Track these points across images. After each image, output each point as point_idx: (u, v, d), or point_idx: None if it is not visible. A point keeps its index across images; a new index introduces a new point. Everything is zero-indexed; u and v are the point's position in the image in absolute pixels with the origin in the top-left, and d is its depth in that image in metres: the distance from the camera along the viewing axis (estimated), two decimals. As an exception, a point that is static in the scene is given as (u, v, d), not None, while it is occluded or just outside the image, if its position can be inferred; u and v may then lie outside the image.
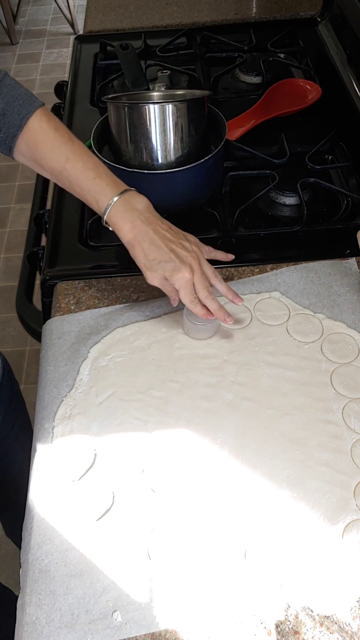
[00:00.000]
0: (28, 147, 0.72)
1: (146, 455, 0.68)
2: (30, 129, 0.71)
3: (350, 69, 1.16)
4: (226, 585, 0.59)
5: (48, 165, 0.73)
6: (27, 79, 3.20)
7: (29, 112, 0.71)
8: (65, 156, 0.72)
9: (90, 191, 0.72)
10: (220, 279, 0.76)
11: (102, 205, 0.72)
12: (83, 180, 0.72)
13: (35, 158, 0.73)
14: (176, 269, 0.71)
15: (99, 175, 0.72)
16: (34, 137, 0.72)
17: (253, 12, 1.46)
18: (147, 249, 0.72)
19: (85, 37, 1.42)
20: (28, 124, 0.71)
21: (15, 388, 1.02)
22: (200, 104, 0.89)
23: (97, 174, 0.72)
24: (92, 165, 0.72)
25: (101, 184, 0.72)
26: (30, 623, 0.58)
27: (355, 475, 0.66)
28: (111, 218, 0.72)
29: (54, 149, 0.72)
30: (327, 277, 0.86)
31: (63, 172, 0.72)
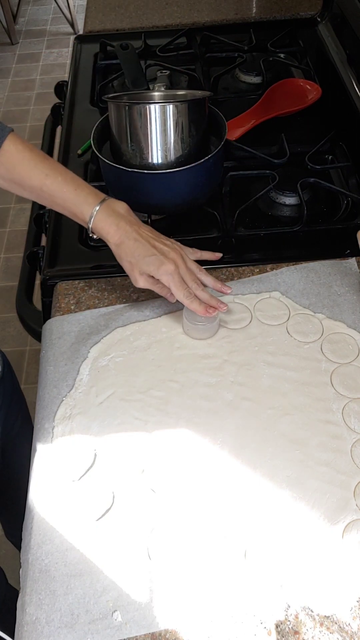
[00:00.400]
0: (7, 169, 0.75)
1: (146, 455, 0.68)
2: (6, 152, 0.74)
3: (350, 69, 1.16)
4: (226, 585, 0.59)
5: (28, 184, 0.75)
6: (27, 79, 3.20)
7: (2, 137, 0.74)
8: (44, 173, 0.75)
9: (73, 202, 0.75)
10: (205, 272, 0.79)
11: (86, 214, 0.75)
12: (65, 192, 0.75)
13: (14, 179, 0.76)
14: (160, 262, 0.74)
15: (79, 187, 0.76)
16: (11, 158, 0.75)
17: (253, 12, 1.46)
18: (132, 246, 0.75)
19: (85, 37, 1.42)
20: (3, 147, 0.74)
21: (15, 383, 1.02)
22: (200, 104, 0.89)
23: (76, 186, 0.76)
24: (71, 179, 0.76)
25: (82, 194, 0.76)
26: (30, 623, 0.58)
27: (355, 475, 0.66)
28: (97, 224, 0.75)
29: (32, 168, 0.75)
30: (327, 277, 0.86)
31: (44, 187, 0.75)
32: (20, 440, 1.04)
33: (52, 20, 3.65)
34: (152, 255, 0.74)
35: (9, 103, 3.05)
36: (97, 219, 0.75)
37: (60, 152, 1.11)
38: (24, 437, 1.05)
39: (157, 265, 0.74)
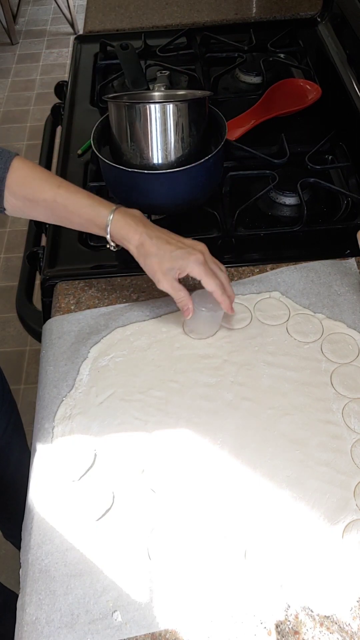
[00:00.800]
0: (19, 185, 0.76)
1: (146, 455, 0.68)
2: (16, 169, 0.75)
3: (350, 69, 1.16)
4: (226, 585, 0.59)
5: (42, 197, 0.76)
6: (27, 79, 3.21)
7: (9, 158, 0.75)
8: (56, 184, 0.76)
9: (89, 207, 0.75)
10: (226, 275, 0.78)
11: (103, 218, 0.75)
12: (80, 198, 0.76)
13: (27, 195, 0.76)
14: (189, 253, 0.73)
15: (90, 195, 0.77)
16: (23, 174, 0.76)
17: (253, 12, 1.46)
18: (155, 244, 0.74)
19: (85, 37, 1.42)
20: (12, 165, 0.75)
21: (6, 388, 1.02)
22: (200, 104, 0.89)
23: (88, 194, 0.77)
24: (82, 190, 0.77)
25: (96, 201, 0.76)
26: (30, 623, 0.58)
27: (355, 475, 0.66)
28: (115, 227, 0.75)
29: (44, 180, 0.76)
30: (327, 277, 0.86)
31: (57, 198, 0.75)
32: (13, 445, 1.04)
33: (52, 20, 3.65)
34: (178, 249, 0.73)
35: (9, 103, 3.05)
36: (114, 221, 0.74)
37: (60, 152, 1.11)
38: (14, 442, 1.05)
39: (185, 257, 0.73)
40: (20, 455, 1.06)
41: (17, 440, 1.06)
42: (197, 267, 0.73)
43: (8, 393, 1.03)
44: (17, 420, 1.07)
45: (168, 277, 0.74)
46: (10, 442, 1.03)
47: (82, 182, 1.04)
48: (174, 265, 0.73)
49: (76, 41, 1.41)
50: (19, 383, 1.88)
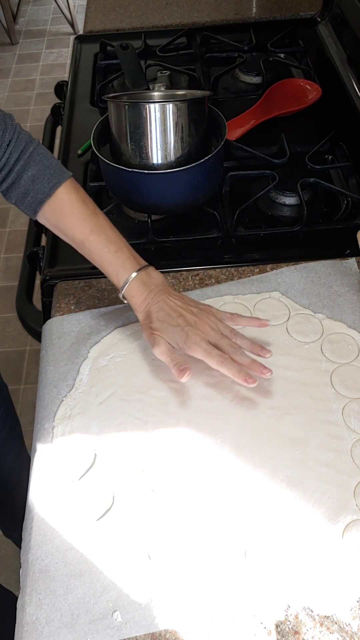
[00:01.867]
0: (54, 214, 0.74)
1: (146, 455, 0.68)
2: (58, 198, 0.73)
3: (350, 69, 1.16)
4: (226, 585, 0.59)
5: (71, 234, 0.75)
6: (27, 79, 3.21)
7: (59, 182, 0.73)
8: (89, 228, 0.74)
9: (111, 264, 0.74)
10: (242, 335, 0.74)
11: (121, 279, 0.74)
12: (105, 252, 0.74)
13: (59, 226, 0.75)
14: (186, 334, 0.70)
15: (120, 249, 0.74)
16: (61, 206, 0.74)
17: (253, 12, 1.46)
18: (162, 319, 0.72)
19: (85, 37, 1.42)
20: (57, 193, 0.73)
21: (4, 392, 1.01)
22: (200, 104, 0.89)
23: (118, 247, 0.74)
24: (115, 239, 0.75)
25: (122, 258, 0.74)
26: (30, 623, 0.58)
27: (355, 475, 0.66)
28: (129, 291, 0.74)
29: (80, 221, 0.74)
30: (327, 277, 0.86)
31: (85, 243, 0.74)
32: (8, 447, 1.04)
33: (52, 20, 3.65)
34: (177, 326, 0.71)
35: (9, 103, 3.05)
36: (130, 286, 0.73)
37: (60, 152, 1.11)
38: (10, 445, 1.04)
39: (183, 337, 0.70)
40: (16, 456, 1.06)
41: (14, 442, 1.06)
42: (194, 347, 0.70)
43: (6, 395, 1.03)
44: (14, 421, 1.07)
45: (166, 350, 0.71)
46: (6, 443, 1.03)
47: (82, 182, 1.04)
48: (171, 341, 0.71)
49: (76, 41, 1.41)
50: (19, 383, 1.88)
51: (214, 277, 0.88)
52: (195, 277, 0.88)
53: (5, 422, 1.02)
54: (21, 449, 1.08)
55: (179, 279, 0.88)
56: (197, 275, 0.88)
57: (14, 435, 1.06)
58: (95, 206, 0.76)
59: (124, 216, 0.98)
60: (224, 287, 0.86)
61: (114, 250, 0.74)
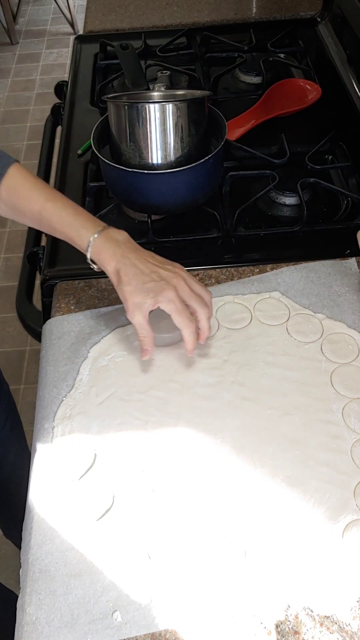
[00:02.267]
0: (8, 192, 0.75)
1: (146, 455, 0.68)
2: (10, 176, 0.75)
3: (350, 69, 1.16)
4: (226, 585, 0.59)
5: (28, 207, 0.75)
6: (27, 79, 3.21)
7: (7, 164, 0.75)
8: (44, 197, 0.74)
9: (72, 226, 0.74)
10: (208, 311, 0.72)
11: (84, 239, 0.73)
12: (64, 216, 0.74)
13: (16, 204, 0.75)
14: (161, 288, 0.69)
15: (78, 213, 0.74)
16: (14, 183, 0.75)
17: (253, 12, 1.46)
18: (130, 272, 0.70)
19: (85, 37, 1.42)
20: (8, 172, 0.74)
21: (4, 389, 1.01)
22: (200, 104, 0.89)
23: (76, 211, 0.74)
24: (71, 205, 0.75)
25: (82, 219, 0.74)
26: (30, 623, 0.58)
27: (355, 475, 0.66)
28: (95, 249, 0.72)
29: (34, 191, 0.75)
30: (327, 277, 0.86)
31: (43, 212, 0.74)
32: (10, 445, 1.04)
33: (52, 20, 3.65)
34: (151, 282, 0.69)
35: (9, 103, 3.05)
36: (95, 244, 0.72)
37: (60, 152, 1.11)
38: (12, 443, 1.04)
39: (157, 292, 0.69)
40: (17, 454, 1.06)
41: (15, 439, 1.06)
42: (167, 304, 0.69)
43: (7, 393, 1.03)
44: (15, 419, 1.07)
45: (138, 310, 0.70)
46: (7, 441, 1.03)
47: (82, 182, 1.04)
48: (145, 297, 0.69)
49: (76, 41, 1.41)
50: (19, 383, 1.88)
51: (214, 277, 0.88)
52: (195, 277, 0.88)
53: (7, 419, 1.02)
54: (23, 447, 1.08)
55: (179, 279, 0.88)
56: (197, 275, 0.88)
57: (16, 432, 1.06)
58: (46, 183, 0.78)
59: (124, 216, 0.98)
60: (224, 287, 0.86)
61: (72, 213, 0.74)
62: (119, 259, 0.71)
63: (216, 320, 0.81)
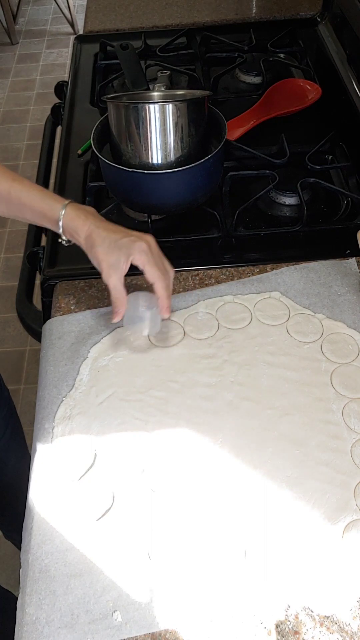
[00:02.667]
0: None
1: (146, 455, 0.68)
2: None
3: (350, 69, 1.16)
4: (226, 585, 0.59)
5: None
6: (27, 79, 3.20)
7: None
8: (11, 177, 0.76)
9: (43, 199, 0.76)
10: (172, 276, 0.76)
11: (55, 210, 0.75)
12: (33, 191, 0.76)
13: None
14: (133, 241, 0.72)
15: (44, 190, 0.78)
16: None
17: (253, 12, 1.46)
18: (102, 234, 0.73)
19: (85, 37, 1.42)
20: None
21: (5, 395, 1.01)
22: (200, 104, 0.89)
23: (42, 189, 0.78)
24: (36, 185, 0.78)
25: (50, 194, 0.77)
26: (30, 623, 0.58)
27: (355, 475, 0.66)
28: (67, 217, 0.75)
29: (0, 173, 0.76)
30: (327, 277, 0.86)
31: (12, 190, 0.76)
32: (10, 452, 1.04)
33: (52, 20, 3.65)
34: (124, 237, 0.72)
35: (9, 103, 3.05)
36: (66, 215, 0.74)
37: (60, 152, 1.11)
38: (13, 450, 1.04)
39: (130, 245, 0.72)
40: (18, 459, 1.06)
41: (16, 444, 1.06)
42: (141, 254, 0.72)
43: (7, 399, 1.03)
44: (16, 424, 1.06)
45: (114, 270, 0.72)
46: (8, 447, 1.03)
47: (82, 182, 1.04)
48: (120, 255, 0.72)
49: (76, 41, 1.41)
50: (19, 383, 1.88)
51: (214, 277, 0.88)
52: (195, 277, 0.88)
53: (7, 426, 1.01)
54: (24, 452, 1.08)
55: (179, 279, 0.88)
56: (197, 275, 0.88)
57: (16, 438, 1.06)
58: None
59: (124, 216, 0.98)
60: (224, 287, 0.86)
61: (39, 189, 0.77)
62: (91, 224, 0.74)
63: (216, 320, 0.81)
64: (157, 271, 0.73)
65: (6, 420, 1.01)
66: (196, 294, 0.85)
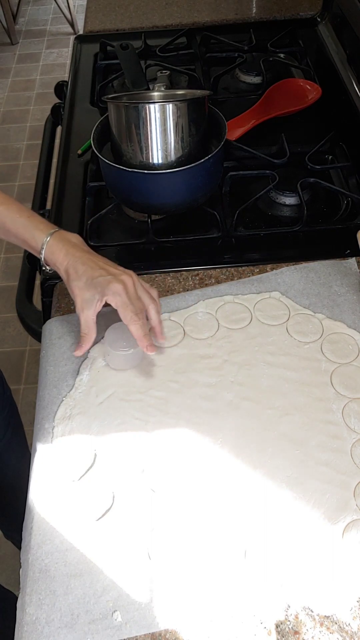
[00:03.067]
0: None
1: (146, 455, 0.68)
2: None
3: (350, 69, 1.16)
4: (226, 585, 0.59)
5: None
6: (27, 79, 3.21)
7: None
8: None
9: (26, 227, 0.75)
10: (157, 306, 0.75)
11: (38, 240, 0.74)
12: (18, 218, 0.75)
13: None
14: (108, 281, 0.70)
15: (32, 215, 0.76)
16: None
17: (253, 12, 1.46)
18: (80, 269, 0.72)
19: (85, 37, 1.42)
20: None
21: (7, 394, 1.01)
22: (200, 104, 0.89)
23: (30, 214, 0.76)
24: (25, 209, 0.76)
25: (35, 221, 0.75)
26: (30, 623, 0.58)
27: (355, 475, 0.66)
28: (48, 249, 0.73)
29: None
30: (327, 277, 0.86)
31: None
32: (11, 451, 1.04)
33: (52, 20, 3.65)
34: (100, 276, 0.71)
35: (9, 103, 3.05)
36: (49, 244, 0.73)
37: (60, 152, 1.11)
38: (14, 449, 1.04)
39: (105, 285, 0.70)
40: (19, 459, 1.06)
41: (17, 444, 1.06)
42: (114, 297, 0.70)
43: (9, 397, 1.03)
44: (17, 424, 1.06)
45: (87, 306, 0.71)
46: (9, 446, 1.03)
47: (82, 182, 1.04)
48: (94, 293, 0.71)
49: (76, 41, 1.41)
50: (19, 383, 1.88)
51: (214, 277, 0.88)
52: (195, 277, 0.88)
53: (9, 425, 1.01)
54: (25, 452, 1.08)
55: (179, 279, 0.88)
56: (197, 275, 0.88)
57: (17, 438, 1.06)
58: None
59: (124, 216, 0.98)
60: (224, 287, 0.86)
61: (26, 215, 0.75)
62: (70, 258, 0.73)
63: (216, 320, 0.81)
64: (130, 313, 0.71)
65: (7, 420, 1.01)
66: (196, 294, 0.85)
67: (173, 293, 0.86)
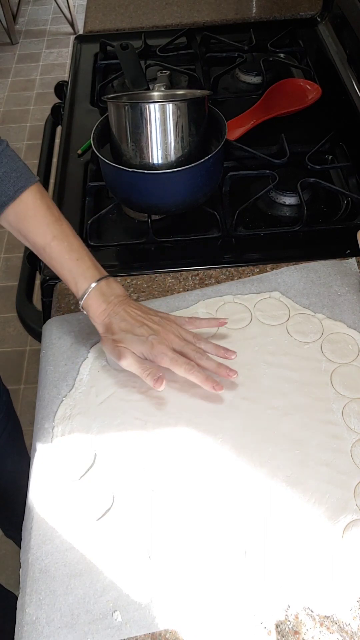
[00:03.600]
0: (17, 218, 0.72)
1: (146, 455, 0.68)
2: (22, 202, 0.72)
3: (350, 69, 1.16)
4: (226, 585, 0.59)
5: (33, 240, 0.73)
6: (27, 79, 3.21)
7: (25, 186, 0.71)
8: (52, 234, 0.72)
9: (71, 272, 0.73)
10: (205, 340, 0.74)
11: (80, 288, 0.73)
12: (66, 260, 0.72)
13: (21, 230, 0.73)
14: (151, 345, 0.70)
15: (81, 258, 0.73)
16: (25, 210, 0.72)
17: (253, 12, 1.46)
18: (120, 325, 0.71)
19: (85, 37, 1.42)
20: (22, 196, 0.71)
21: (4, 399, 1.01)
22: (200, 104, 0.89)
23: (80, 256, 0.73)
24: (77, 247, 0.73)
25: (83, 266, 0.73)
26: (30, 623, 0.58)
27: (355, 475, 0.66)
28: (87, 301, 0.72)
29: (43, 226, 0.72)
30: (327, 277, 0.86)
31: (47, 248, 0.72)
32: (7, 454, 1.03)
33: (52, 20, 3.65)
34: (141, 336, 0.70)
35: (9, 103, 3.06)
36: (89, 296, 0.72)
37: (60, 152, 1.11)
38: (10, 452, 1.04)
39: (148, 347, 0.69)
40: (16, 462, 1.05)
41: (14, 450, 1.05)
42: (160, 357, 0.69)
43: (7, 401, 1.02)
44: (14, 429, 1.06)
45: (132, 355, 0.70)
46: (4, 452, 1.03)
47: (82, 182, 1.04)
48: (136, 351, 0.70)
49: (76, 41, 1.41)
50: (19, 383, 1.89)
51: (214, 277, 0.88)
52: (195, 277, 0.88)
53: (5, 429, 1.01)
54: (22, 454, 1.08)
55: (179, 279, 0.88)
56: (197, 275, 0.88)
57: (13, 440, 1.05)
58: (60, 213, 0.75)
59: (124, 216, 0.99)
60: (224, 287, 0.86)
61: (75, 258, 0.72)
62: (109, 313, 0.72)
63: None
64: (180, 368, 0.69)
65: (4, 422, 1.00)
66: (196, 293, 0.85)
67: (173, 293, 0.86)
